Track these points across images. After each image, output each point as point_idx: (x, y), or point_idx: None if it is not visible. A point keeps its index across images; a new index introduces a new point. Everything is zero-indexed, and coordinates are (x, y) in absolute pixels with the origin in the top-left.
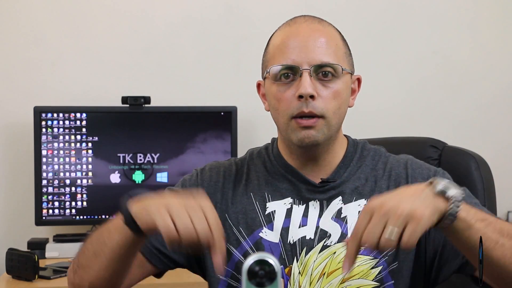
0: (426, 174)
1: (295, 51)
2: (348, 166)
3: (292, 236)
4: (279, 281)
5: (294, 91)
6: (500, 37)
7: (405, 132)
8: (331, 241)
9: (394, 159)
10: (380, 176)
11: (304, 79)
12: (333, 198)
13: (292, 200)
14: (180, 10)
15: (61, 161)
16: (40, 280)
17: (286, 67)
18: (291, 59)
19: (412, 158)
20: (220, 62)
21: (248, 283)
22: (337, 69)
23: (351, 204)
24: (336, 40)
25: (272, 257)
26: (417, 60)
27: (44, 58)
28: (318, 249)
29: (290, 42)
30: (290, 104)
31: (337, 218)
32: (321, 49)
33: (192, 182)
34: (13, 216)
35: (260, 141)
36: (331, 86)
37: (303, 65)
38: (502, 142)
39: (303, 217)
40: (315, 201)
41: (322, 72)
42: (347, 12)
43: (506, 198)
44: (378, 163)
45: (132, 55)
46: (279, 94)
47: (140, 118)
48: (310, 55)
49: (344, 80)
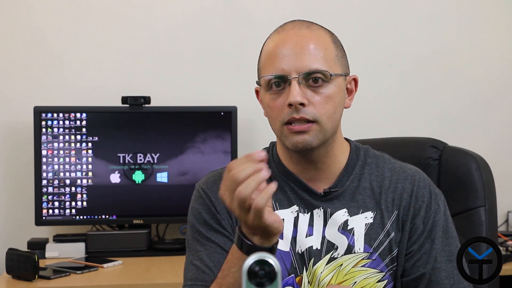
0: (427, 200)
1: (283, 60)
2: (350, 174)
3: (300, 246)
4: (279, 281)
5: (284, 99)
6: (500, 37)
7: (405, 132)
8: (338, 253)
9: (401, 169)
10: (386, 187)
11: (293, 87)
12: (338, 209)
13: (298, 208)
14: (180, 10)
15: (61, 161)
16: (40, 280)
17: (276, 76)
18: (280, 68)
19: (421, 173)
20: (220, 62)
21: (248, 283)
22: (326, 75)
23: (358, 217)
24: (325, 44)
25: (272, 257)
26: (417, 60)
27: (44, 58)
28: (326, 260)
29: (278, 50)
30: (281, 111)
31: (343, 230)
32: (309, 56)
33: (201, 202)
34: (13, 216)
35: (260, 141)
36: (322, 92)
37: (292, 73)
38: (502, 142)
39: (309, 226)
40: (319, 209)
41: (312, 79)
42: (347, 12)
43: (506, 198)
44: (384, 172)
45: (132, 55)
46: (271, 102)
47: (140, 118)
48: (298, 63)
49: (336, 83)
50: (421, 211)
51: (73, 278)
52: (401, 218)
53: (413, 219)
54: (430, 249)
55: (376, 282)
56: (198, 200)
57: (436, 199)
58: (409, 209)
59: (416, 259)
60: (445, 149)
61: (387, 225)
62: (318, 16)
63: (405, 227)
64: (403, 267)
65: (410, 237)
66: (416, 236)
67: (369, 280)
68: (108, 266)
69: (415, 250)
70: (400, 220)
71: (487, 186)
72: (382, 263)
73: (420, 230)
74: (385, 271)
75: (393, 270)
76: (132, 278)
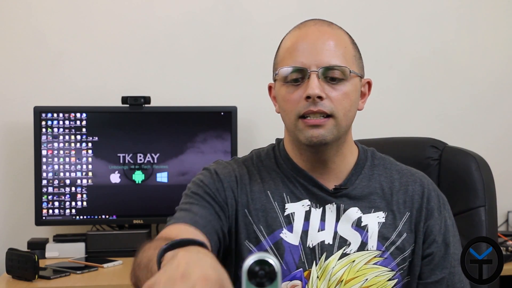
0: (437, 203)
1: (304, 54)
2: (359, 173)
3: (312, 240)
4: (279, 281)
5: (302, 93)
6: (500, 37)
7: (405, 132)
8: (351, 250)
9: (408, 172)
10: (397, 189)
11: (312, 80)
12: (349, 206)
13: (310, 202)
14: (180, 11)
15: (61, 161)
16: (40, 280)
17: (295, 69)
18: (300, 62)
19: (427, 177)
20: (220, 62)
21: (248, 283)
22: (345, 71)
23: (371, 215)
24: (345, 43)
25: (272, 257)
26: (417, 60)
27: (44, 58)
28: (338, 256)
29: (299, 44)
30: (297, 104)
31: (357, 226)
32: (330, 51)
33: (209, 177)
34: (13, 216)
35: (260, 141)
36: (339, 88)
37: (311, 67)
38: (502, 142)
39: (321, 221)
40: (332, 204)
41: (330, 74)
42: (347, 12)
43: (506, 198)
44: (393, 174)
45: (132, 55)
46: (288, 95)
47: (140, 118)
48: (319, 57)
49: (353, 82)
50: (434, 213)
51: (73, 278)
52: (414, 219)
53: (427, 220)
54: (446, 253)
55: (386, 280)
56: (205, 175)
57: (444, 204)
58: (421, 210)
59: (436, 263)
60: (445, 149)
61: (399, 225)
62: (318, 16)
63: (419, 228)
64: (420, 268)
65: (425, 239)
66: (432, 238)
67: (380, 278)
68: (108, 266)
69: (434, 254)
70: (413, 222)
71: (487, 186)
72: (393, 262)
73: (436, 232)
74: (395, 270)
75: (403, 270)
76: None
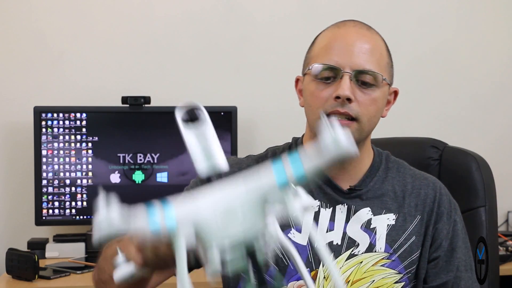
0: (448, 208)
1: (339, 53)
2: (374, 176)
3: None
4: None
5: (332, 91)
6: (500, 37)
7: (405, 132)
8: (359, 251)
9: (422, 176)
10: (409, 192)
11: (344, 81)
12: (361, 207)
13: (319, 203)
14: (180, 10)
15: (61, 161)
16: (40, 280)
17: (328, 67)
18: (334, 61)
19: (440, 182)
20: (220, 62)
21: None
22: (378, 78)
23: (381, 217)
24: (381, 49)
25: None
26: (417, 60)
27: (44, 58)
28: (345, 256)
29: (336, 43)
30: (325, 102)
31: (366, 228)
32: (365, 55)
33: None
34: (13, 216)
35: (260, 141)
36: (369, 93)
37: (345, 68)
38: (502, 142)
39: (330, 221)
40: (343, 205)
41: (362, 78)
42: (347, 12)
43: (506, 198)
44: (406, 177)
45: (132, 55)
46: (317, 91)
47: (140, 118)
48: (354, 60)
49: (383, 89)
50: (443, 217)
51: (73, 278)
52: (424, 223)
53: (436, 224)
54: (452, 257)
55: (393, 283)
56: None
57: (456, 209)
58: (432, 214)
59: (441, 266)
60: (445, 149)
61: (409, 228)
62: (318, 16)
63: (428, 231)
64: (426, 271)
65: (433, 242)
66: (439, 242)
67: (387, 280)
68: None
69: (440, 257)
70: (424, 225)
71: (487, 186)
72: (401, 265)
73: (443, 236)
74: (403, 273)
75: (411, 273)
76: None
